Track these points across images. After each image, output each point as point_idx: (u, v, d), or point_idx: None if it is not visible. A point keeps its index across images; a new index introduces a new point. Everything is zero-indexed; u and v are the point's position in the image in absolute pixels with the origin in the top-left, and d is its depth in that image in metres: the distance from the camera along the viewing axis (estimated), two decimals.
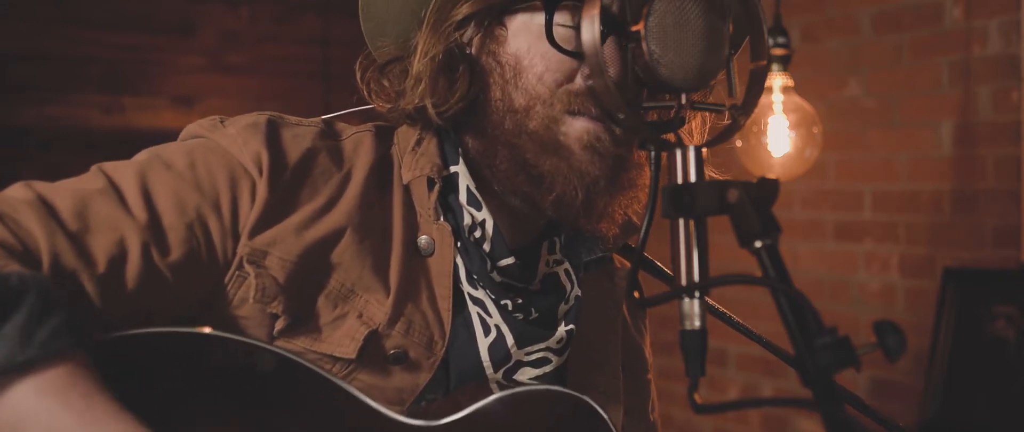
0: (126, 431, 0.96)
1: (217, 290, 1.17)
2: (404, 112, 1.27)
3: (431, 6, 1.25)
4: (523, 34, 1.22)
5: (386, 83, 1.29)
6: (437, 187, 1.24)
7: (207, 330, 1.09)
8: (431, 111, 1.23)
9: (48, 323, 0.95)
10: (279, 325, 1.17)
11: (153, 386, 1.05)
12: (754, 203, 0.91)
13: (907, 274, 3.42)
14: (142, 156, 1.19)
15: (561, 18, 1.19)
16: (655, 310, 1.22)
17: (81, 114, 3.93)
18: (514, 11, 1.22)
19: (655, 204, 1.00)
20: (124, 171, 1.15)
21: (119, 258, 1.08)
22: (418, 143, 1.27)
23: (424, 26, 1.25)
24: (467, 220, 1.25)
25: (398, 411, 1.16)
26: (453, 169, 1.26)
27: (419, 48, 1.24)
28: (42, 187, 1.11)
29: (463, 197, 1.25)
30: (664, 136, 1.01)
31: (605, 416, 1.18)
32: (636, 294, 1.02)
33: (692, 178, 0.96)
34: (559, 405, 1.19)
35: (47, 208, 1.07)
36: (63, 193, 1.10)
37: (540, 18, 1.20)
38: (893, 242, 3.46)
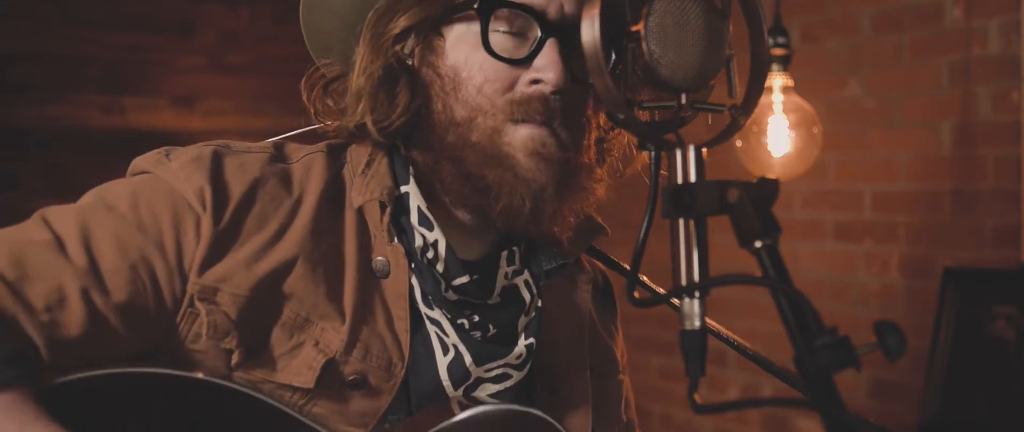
0: None
1: (169, 329, 1.16)
2: (348, 130, 1.26)
3: (367, 21, 1.24)
4: (461, 45, 1.21)
5: (330, 102, 1.29)
6: (388, 210, 1.22)
7: (157, 369, 1.09)
8: (371, 128, 1.22)
9: None
10: (235, 359, 1.16)
11: (107, 428, 1.05)
12: (754, 203, 0.91)
13: (907, 274, 3.42)
14: (87, 199, 1.18)
15: (498, 25, 1.19)
16: (655, 310, 1.22)
17: (81, 114, 3.92)
18: (450, 21, 1.21)
19: (655, 204, 1.00)
20: (65, 218, 1.14)
21: (58, 304, 1.08)
22: (368, 164, 1.25)
23: (360, 42, 1.24)
24: (419, 241, 1.24)
25: None
26: (404, 189, 1.25)
27: (357, 64, 1.23)
28: None
29: (414, 218, 1.24)
30: (664, 136, 1.01)
31: (560, 429, 1.19)
32: (636, 294, 1.02)
33: (692, 178, 0.96)
34: (518, 420, 1.20)
35: None
36: (2, 243, 1.10)
37: (476, 27, 1.19)
38: (893, 242, 3.46)
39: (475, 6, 1.19)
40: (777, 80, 2.87)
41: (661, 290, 1.35)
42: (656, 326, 4.15)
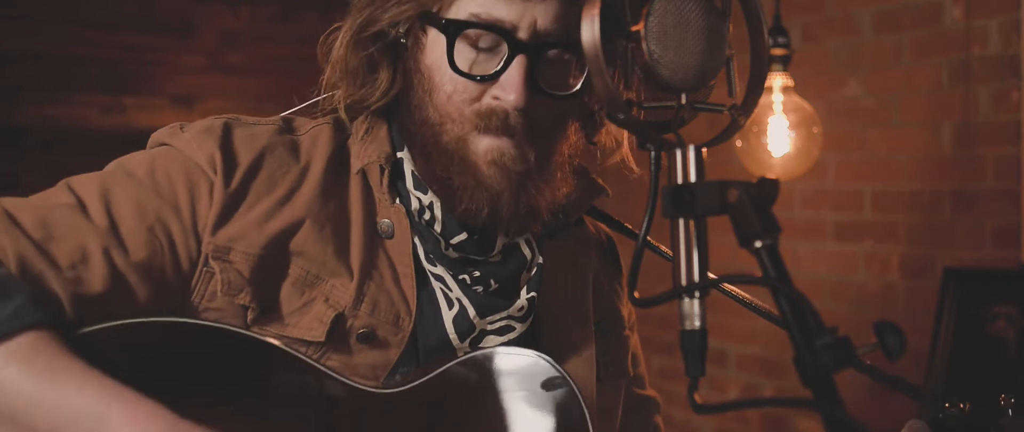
0: (87, 384, 1.02)
1: (185, 289, 1.22)
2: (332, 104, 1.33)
3: (356, 3, 1.28)
4: (435, 49, 1.25)
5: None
6: (386, 173, 1.29)
7: (181, 319, 1.15)
8: (342, 111, 1.30)
9: (7, 306, 1.03)
10: (250, 315, 1.23)
11: (132, 376, 1.08)
12: (754, 203, 0.91)
13: (907, 274, 3.42)
14: (108, 167, 1.25)
15: (467, 41, 1.23)
16: (655, 310, 1.22)
17: (81, 114, 3.93)
18: (432, 23, 1.25)
19: (655, 204, 1.00)
20: (88, 184, 1.21)
21: (82, 262, 1.14)
22: (367, 132, 1.31)
23: (347, 25, 1.28)
24: (415, 204, 1.30)
25: (372, 386, 1.23)
26: (399, 154, 1.31)
27: (335, 47, 1.29)
28: (8, 203, 1.17)
29: (409, 182, 1.30)
30: (664, 136, 1.01)
31: (559, 369, 1.25)
32: (637, 294, 1.02)
33: (692, 178, 0.96)
34: (520, 364, 1.26)
35: (11, 220, 1.13)
36: (28, 207, 1.17)
37: (445, 41, 1.23)
38: (893, 242, 3.46)
39: (441, 26, 1.23)
40: (777, 80, 2.87)
41: (666, 249, 1.36)
42: (656, 326, 4.15)
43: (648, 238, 1.03)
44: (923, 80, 3.34)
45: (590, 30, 0.99)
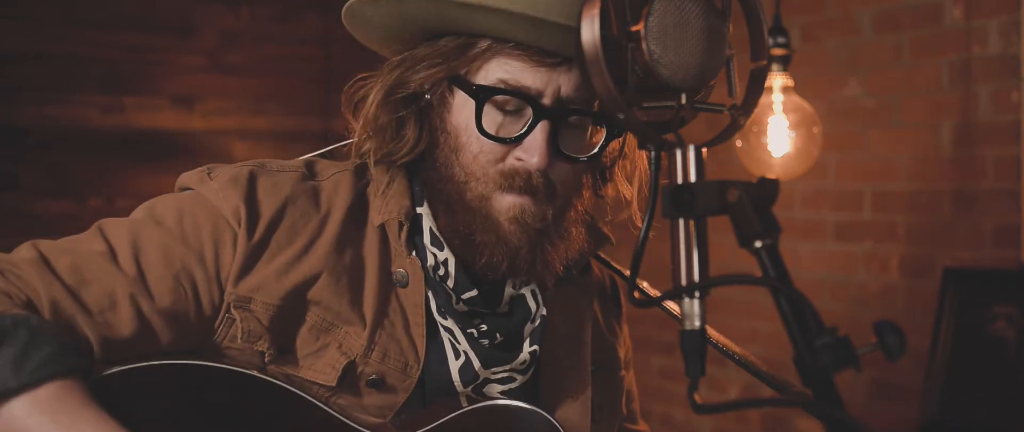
0: None
1: (207, 332, 1.30)
2: (358, 152, 1.38)
3: (389, 64, 1.35)
4: (463, 111, 1.31)
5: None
6: (405, 229, 1.35)
7: (197, 361, 1.25)
8: (371, 164, 1.36)
9: (37, 355, 1.11)
10: (267, 357, 1.30)
11: (151, 415, 1.20)
12: (754, 203, 0.91)
13: (907, 274, 3.42)
14: (138, 213, 1.32)
15: (494, 105, 1.29)
16: (655, 310, 1.22)
17: (81, 114, 3.93)
18: (460, 85, 1.31)
19: (655, 204, 1.00)
20: (119, 230, 1.28)
21: (110, 307, 1.22)
22: (388, 184, 1.37)
23: (378, 85, 1.34)
24: (431, 260, 1.36)
25: (379, 423, 1.31)
26: (418, 210, 1.37)
27: (368, 104, 1.34)
28: (45, 247, 1.25)
29: (426, 238, 1.36)
30: (664, 136, 1.01)
31: (557, 425, 1.34)
32: (636, 294, 1.02)
33: (692, 178, 0.96)
34: (520, 417, 1.34)
35: (47, 265, 1.22)
36: (62, 253, 1.24)
37: (473, 104, 1.29)
38: (893, 242, 3.46)
39: (471, 92, 1.29)
40: (777, 80, 2.87)
41: (658, 294, 1.36)
42: (656, 326, 4.15)
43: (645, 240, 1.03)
44: (923, 80, 3.34)
45: (590, 30, 0.99)
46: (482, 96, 1.28)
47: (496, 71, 1.28)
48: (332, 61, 4.08)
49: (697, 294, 0.95)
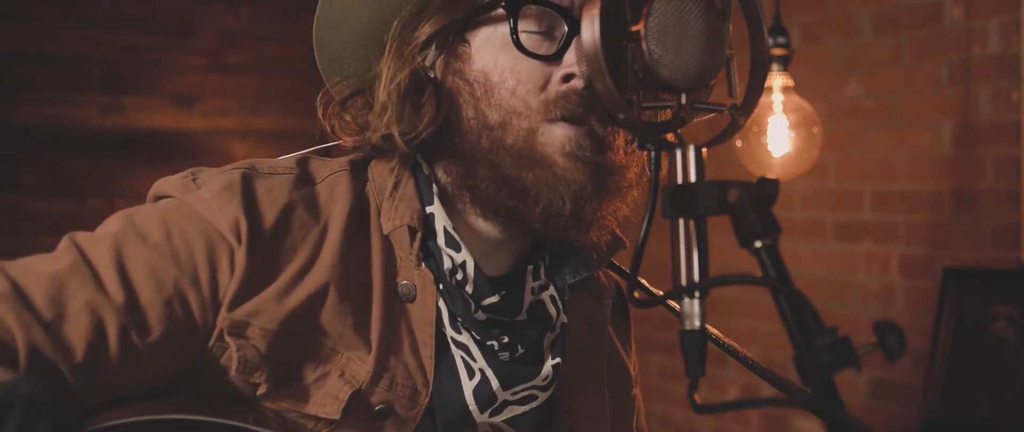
0: None
1: (201, 354, 1.15)
2: (371, 144, 1.24)
3: (392, 31, 1.23)
4: (487, 48, 1.19)
5: (348, 117, 1.27)
6: (419, 235, 1.21)
7: (179, 416, 1.06)
8: (398, 139, 1.20)
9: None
10: (261, 390, 1.14)
11: None
12: (754, 203, 0.91)
13: (907, 274, 3.42)
14: (115, 225, 1.15)
15: (526, 25, 1.17)
16: (655, 310, 1.22)
17: (81, 114, 3.92)
18: (476, 25, 1.20)
19: (655, 204, 1.00)
20: (98, 247, 1.11)
21: (97, 343, 1.06)
22: (396, 186, 1.24)
23: (386, 52, 1.22)
24: (447, 264, 1.22)
25: None
26: (429, 210, 1.23)
27: (384, 74, 1.22)
28: (15, 271, 1.07)
29: (441, 240, 1.22)
30: (664, 136, 1.01)
31: None
32: (637, 294, 1.02)
33: (692, 178, 0.96)
34: None
35: (21, 298, 1.04)
36: (37, 278, 1.07)
37: (504, 29, 1.18)
38: (893, 242, 3.46)
39: (503, 5, 1.17)
40: (777, 80, 2.87)
41: (660, 293, 1.35)
42: (656, 326, 4.15)
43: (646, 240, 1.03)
44: (923, 80, 3.34)
45: (590, 30, 0.99)
46: (514, 7, 1.15)
47: None
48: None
49: (697, 294, 0.95)
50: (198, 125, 4.08)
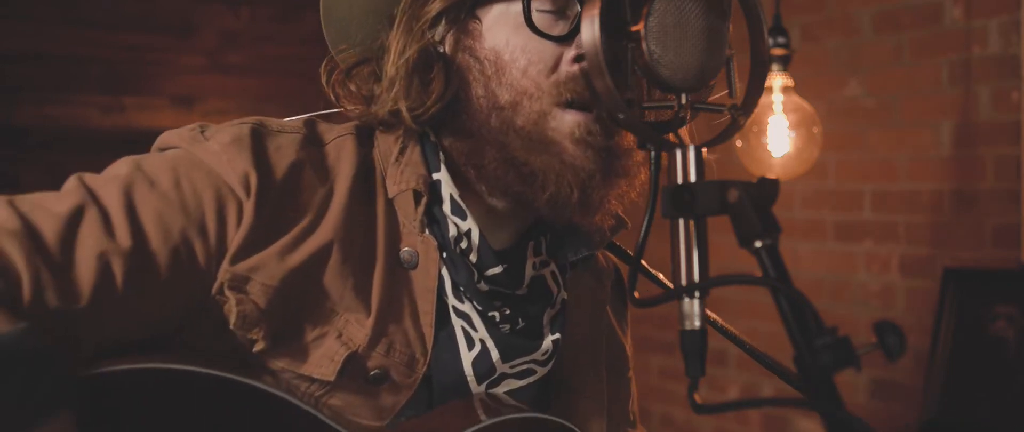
0: None
1: (204, 303, 1.14)
2: (378, 118, 1.24)
3: (402, 4, 1.22)
4: (499, 26, 1.18)
5: (353, 87, 1.26)
6: (424, 200, 1.20)
7: (177, 366, 1.06)
8: (406, 115, 1.20)
9: (35, 396, 0.94)
10: (258, 347, 1.14)
11: (131, 420, 1.04)
12: (754, 203, 0.91)
13: (907, 274, 3.42)
14: (124, 169, 1.13)
15: (538, 4, 1.16)
16: (655, 310, 1.22)
17: (81, 114, 3.93)
18: (488, 2, 1.19)
19: (655, 204, 1.00)
20: (108, 189, 1.10)
21: (102, 288, 1.04)
22: (402, 152, 1.23)
23: (395, 26, 1.22)
24: (453, 231, 1.21)
25: (377, 429, 1.16)
26: (436, 176, 1.22)
27: (392, 48, 1.21)
28: (26, 206, 1.06)
29: (447, 207, 1.22)
30: (664, 136, 1.01)
31: None
32: (636, 294, 1.02)
33: (692, 178, 0.96)
34: (540, 427, 1.20)
35: (31, 238, 1.03)
36: (48, 217, 1.05)
37: (516, 7, 1.17)
38: (893, 242, 3.46)
39: None
40: (777, 80, 2.87)
41: (662, 277, 1.35)
42: (656, 326, 4.15)
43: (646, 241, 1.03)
44: (923, 80, 3.34)
45: (590, 30, 0.99)
46: None
47: None
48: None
49: (697, 294, 0.95)
50: None
